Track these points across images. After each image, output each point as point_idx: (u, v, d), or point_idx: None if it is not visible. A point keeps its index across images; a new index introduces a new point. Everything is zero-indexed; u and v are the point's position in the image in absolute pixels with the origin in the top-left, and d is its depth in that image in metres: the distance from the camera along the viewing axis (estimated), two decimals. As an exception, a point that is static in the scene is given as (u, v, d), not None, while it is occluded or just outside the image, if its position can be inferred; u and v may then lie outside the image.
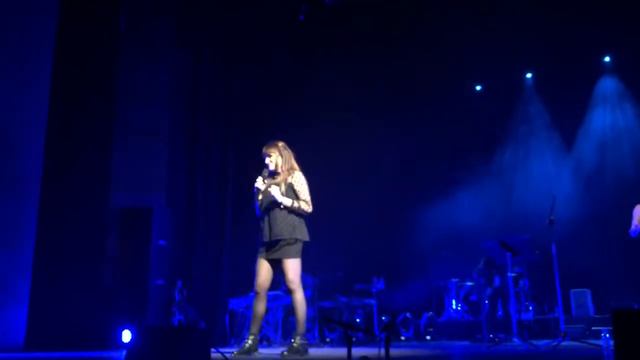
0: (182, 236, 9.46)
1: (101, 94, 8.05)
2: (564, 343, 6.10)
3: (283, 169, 5.32)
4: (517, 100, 11.46)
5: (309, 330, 8.56)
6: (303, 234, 5.23)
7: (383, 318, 9.34)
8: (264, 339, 8.48)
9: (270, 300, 8.47)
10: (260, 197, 5.25)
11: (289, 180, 5.24)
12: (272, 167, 5.31)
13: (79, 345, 6.81)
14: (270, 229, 5.13)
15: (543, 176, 10.59)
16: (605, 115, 10.78)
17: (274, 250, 5.15)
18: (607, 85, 10.84)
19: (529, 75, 11.54)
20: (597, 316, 8.88)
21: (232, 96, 10.37)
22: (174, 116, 9.41)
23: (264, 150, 5.35)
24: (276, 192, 5.12)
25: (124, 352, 3.88)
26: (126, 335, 6.99)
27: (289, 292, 5.19)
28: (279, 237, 5.10)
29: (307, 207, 5.21)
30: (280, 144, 5.39)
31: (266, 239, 5.16)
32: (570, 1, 9.54)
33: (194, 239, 9.60)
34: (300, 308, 5.06)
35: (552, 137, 11.00)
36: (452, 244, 10.46)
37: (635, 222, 6.30)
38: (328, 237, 10.66)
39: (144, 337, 3.94)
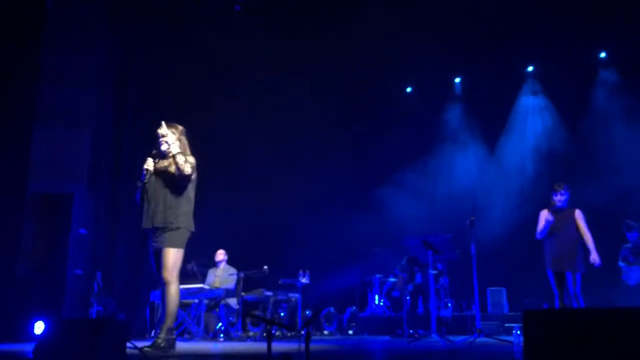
0: (104, 225, 9.17)
1: (23, 74, 7.65)
2: (479, 339, 6.34)
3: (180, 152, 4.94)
4: (446, 104, 11.79)
5: (232, 323, 8.50)
6: (188, 222, 4.92)
7: (307, 312, 9.40)
8: (185, 332, 8.36)
9: (192, 293, 8.37)
10: (146, 179, 4.89)
11: None
12: (165, 147, 4.92)
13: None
14: (154, 215, 4.81)
15: (466, 179, 10.94)
16: (527, 121, 11.26)
17: (156, 239, 4.84)
18: (530, 92, 11.31)
19: (457, 79, 11.89)
20: (510, 313, 9.29)
21: (163, 86, 10.10)
22: (102, 102, 9.08)
23: (160, 129, 4.94)
24: (169, 138, 4.83)
25: (33, 345, 3.72)
26: (38, 327, 6.70)
27: (164, 283, 4.78)
28: (161, 225, 4.79)
29: (188, 167, 4.83)
30: (181, 127, 5.07)
31: (148, 225, 4.84)
32: (498, 11, 9.86)
33: (116, 229, 9.33)
34: (173, 302, 4.76)
35: (477, 141, 11.39)
36: (377, 240, 10.66)
37: (540, 225, 6.62)
38: (255, 230, 10.67)
39: (55, 329, 3.79)
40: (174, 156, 4.84)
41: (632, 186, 9.19)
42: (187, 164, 4.85)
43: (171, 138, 4.90)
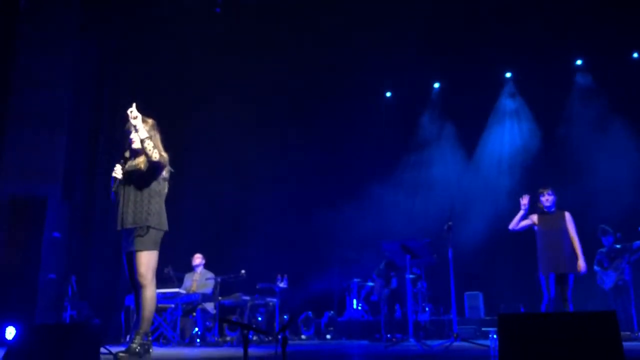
0: (79, 229, 9.04)
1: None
2: (456, 343, 6.36)
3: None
4: (425, 109, 11.86)
5: (209, 328, 8.42)
6: (160, 222, 4.70)
7: (285, 317, 9.35)
8: (161, 338, 8.26)
9: (169, 298, 8.27)
10: (114, 187, 4.73)
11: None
12: (137, 145, 4.70)
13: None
14: (124, 216, 4.64)
15: (444, 184, 11.00)
16: (505, 126, 11.38)
17: (127, 242, 4.68)
18: (508, 98, 11.44)
19: (436, 85, 11.97)
20: (487, 318, 9.36)
21: (140, 88, 9.98)
22: (76, 104, 8.95)
23: (129, 125, 4.69)
24: (138, 122, 4.57)
25: (4, 351, 3.64)
26: (10, 332, 6.57)
27: (139, 287, 4.61)
28: (131, 225, 4.61)
29: (156, 154, 4.59)
30: (151, 121, 4.81)
31: (119, 227, 4.67)
32: (476, 17, 9.97)
33: (91, 232, 9.21)
34: (148, 306, 4.60)
35: (455, 145, 11.47)
36: (356, 244, 10.66)
37: (518, 215, 6.54)
38: (233, 234, 10.61)
39: (27, 334, 3.72)
40: (142, 141, 4.58)
41: (607, 190, 9.33)
42: (155, 149, 4.60)
43: (139, 123, 4.62)
